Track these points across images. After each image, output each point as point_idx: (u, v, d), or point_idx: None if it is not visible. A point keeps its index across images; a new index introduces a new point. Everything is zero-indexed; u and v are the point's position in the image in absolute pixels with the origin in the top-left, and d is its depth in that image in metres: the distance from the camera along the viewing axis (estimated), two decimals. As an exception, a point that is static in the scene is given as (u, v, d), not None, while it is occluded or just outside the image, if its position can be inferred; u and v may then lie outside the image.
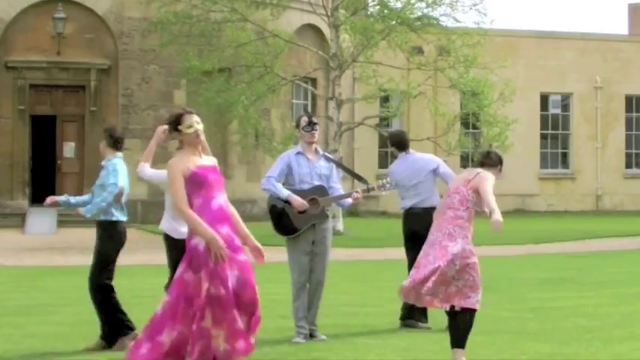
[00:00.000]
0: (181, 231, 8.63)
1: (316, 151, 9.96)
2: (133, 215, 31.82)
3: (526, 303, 12.53)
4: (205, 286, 6.96)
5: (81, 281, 16.31)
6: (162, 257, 10.05)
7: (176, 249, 8.79)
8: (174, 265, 9.08)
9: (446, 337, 9.35)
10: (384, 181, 10.07)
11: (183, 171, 7.14)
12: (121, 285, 10.06)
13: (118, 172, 9.39)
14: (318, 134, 9.96)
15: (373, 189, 9.95)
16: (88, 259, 8.82)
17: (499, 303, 12.39)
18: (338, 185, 9.95)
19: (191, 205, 7.14)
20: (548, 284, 15.36)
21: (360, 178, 10.68)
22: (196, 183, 7.16)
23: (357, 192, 9.86)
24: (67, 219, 29.62)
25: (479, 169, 8.25)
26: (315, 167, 9.84)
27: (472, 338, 9.63)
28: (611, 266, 19.04)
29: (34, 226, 28.47)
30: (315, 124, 9.85)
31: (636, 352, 9.08)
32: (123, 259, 9.97)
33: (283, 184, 9.87)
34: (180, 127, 7.25)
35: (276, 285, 10.51)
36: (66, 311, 12.03)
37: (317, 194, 9.72)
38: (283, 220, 9.72)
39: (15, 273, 17.98)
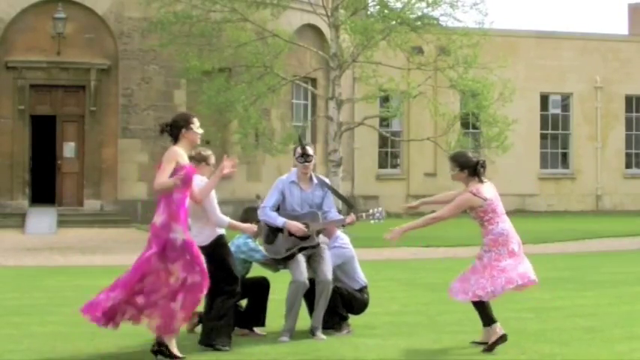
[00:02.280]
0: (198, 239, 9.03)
1: (311, 180, 10.05)
2: (133, 215, 31.99)
3: (526, 303, 12.51)
4: (182, 275, 8.35)
5: (81, 281, 16.35)
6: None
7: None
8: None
9: (444, 338, 9.34)
10: (375, 210, 10.09)
11: (178, 162, 8.31)
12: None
13: None
14: (312, 164, 10.05)
15: (362, 217, 10.05)
16: (88, 259, 8.87)
17: (499, 303, 12.36)
18: (332, 210, 10.06)
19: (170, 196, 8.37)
20: (548, 284, 15.33)
21: (350, 206, 10.80)
22: (184, 180, 8.29)
23: (347, 218, 9.95)
24: (67, 219, 29.63)
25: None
26: (307, 197, 9.98)
27: (471, 338, 9.64)
28: (611, 266, 19.03)
29: (34, 226, 28.45)
30: (309, 155, 9.94)
31: (636, 352, 9.08)
32: (122, 259, 9.96)
33: (278, 209, 9.95)
34: (192, 126, 8.55)
35: (276, 285, 10.51)
36: (66, 311, 12.01)
37: (309, 219, 9.83)
38: (272, 246, 9.86)
39: (15, 273, 17.96)
